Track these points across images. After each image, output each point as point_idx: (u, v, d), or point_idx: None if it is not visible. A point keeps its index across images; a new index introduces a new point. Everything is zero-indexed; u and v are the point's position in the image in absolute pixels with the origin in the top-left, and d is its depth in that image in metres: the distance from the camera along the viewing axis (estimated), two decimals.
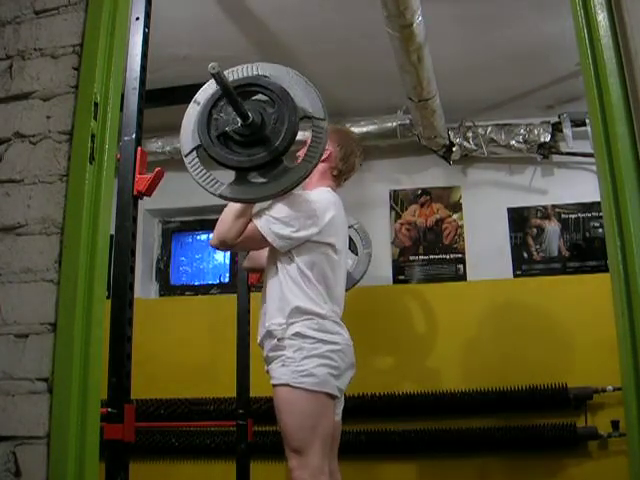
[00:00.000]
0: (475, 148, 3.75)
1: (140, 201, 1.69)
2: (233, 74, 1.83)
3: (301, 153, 1.93)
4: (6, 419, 1.39)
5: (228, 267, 4.24)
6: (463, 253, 3.85)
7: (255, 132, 1.72)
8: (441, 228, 3.92)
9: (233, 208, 2.03)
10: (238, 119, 1.72)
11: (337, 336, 2.04)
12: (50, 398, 1.39)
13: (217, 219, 2.09)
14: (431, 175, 3.99)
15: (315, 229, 2.05)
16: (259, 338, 2.14)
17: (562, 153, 3.74)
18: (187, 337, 3.84)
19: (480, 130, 3.73)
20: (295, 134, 1.72)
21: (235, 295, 3.04)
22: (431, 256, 3.89)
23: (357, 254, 3.08)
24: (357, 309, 3.65)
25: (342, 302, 2.21)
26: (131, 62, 1.70)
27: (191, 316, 3.93)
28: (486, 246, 3.80)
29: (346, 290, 2.92)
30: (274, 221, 2.01)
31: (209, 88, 1.85)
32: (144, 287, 4.11)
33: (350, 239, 2.98)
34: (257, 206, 2.08)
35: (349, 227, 2.95)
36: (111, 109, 1.60)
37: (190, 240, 4.41)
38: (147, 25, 1.73)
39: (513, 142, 3.69)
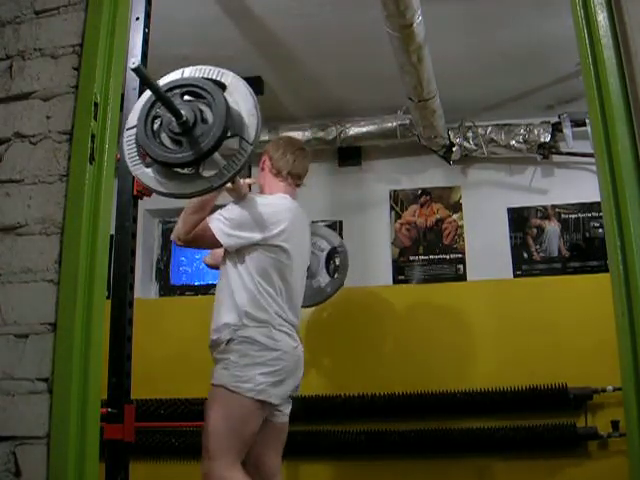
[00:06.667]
0: (475, 148, 3.75)
1: (140, 201, 1.69)
2: (194, 72, 1.75)
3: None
4: (6, 419, 1.39)
5: None
6: (463, 253, 3.85)
7: (185, 131, 1.61)
8: (441, 228, 3.92)
9: (190, 205, 2.11)
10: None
11: (283, 344, 2.05)
12: (50, 398, 1.38)
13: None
14: (431, 175, 3.99)
15: (264, 234, 2.08)
16: (210, 340, 2.18)
17: (562, 153, 3.74)
18: (187, 337, 3.83)
19: (480, 130, 3.73)
20: (218, 146, 1.61)
21: None
22: (431, 256, 3.89)
23: (333, 276, 3.09)
24: (357, 309, 3.67)
25: (297, 310, 2.21)
26: None
27: (191, 316, 3.90)
28: (486, 246, 3.80)
29: (310, 305, 2.94)
30: (224, 220, 2.08)
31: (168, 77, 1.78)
32: (144, 287, 4.11)
33: (331, 259, 3.07)
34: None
35: (334, 248, 3.06)
36: (111, 109, 1.60)
37: None
38: (147, 25, 1.74)
39: (513, 142, 3.69)
